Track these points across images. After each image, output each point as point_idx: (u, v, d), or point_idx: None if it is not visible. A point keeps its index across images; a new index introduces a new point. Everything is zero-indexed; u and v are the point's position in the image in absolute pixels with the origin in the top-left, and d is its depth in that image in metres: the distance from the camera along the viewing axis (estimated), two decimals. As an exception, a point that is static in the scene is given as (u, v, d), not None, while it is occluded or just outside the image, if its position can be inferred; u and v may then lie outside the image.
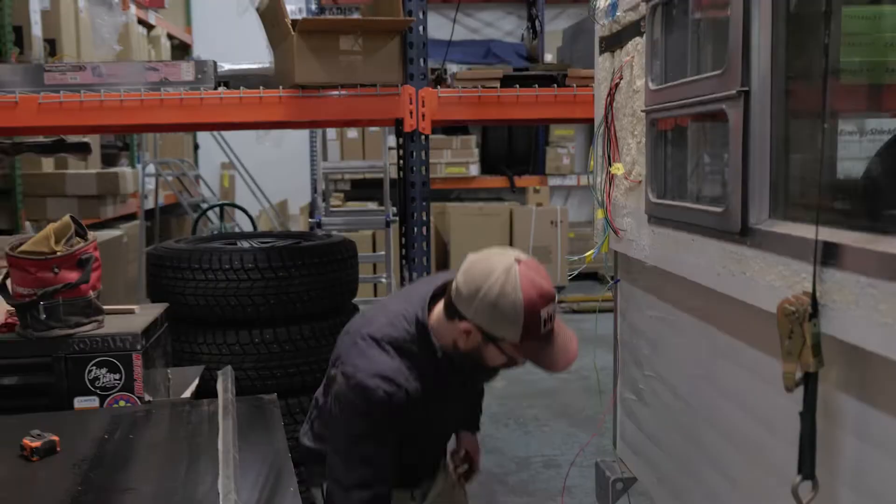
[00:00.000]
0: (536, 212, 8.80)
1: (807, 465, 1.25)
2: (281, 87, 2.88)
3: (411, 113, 2.91)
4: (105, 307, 2.44)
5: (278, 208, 8.63)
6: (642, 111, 1.98)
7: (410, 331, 1.86)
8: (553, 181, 9.50)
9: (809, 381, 1.24)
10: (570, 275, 8.59)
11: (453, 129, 9.39)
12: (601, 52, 2.37)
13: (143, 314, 2.60)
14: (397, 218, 3.67)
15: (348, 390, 1.83)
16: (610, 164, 2.17)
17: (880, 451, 1.21)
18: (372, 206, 7.89)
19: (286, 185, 9.06)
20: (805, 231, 1.30)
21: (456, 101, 2.96)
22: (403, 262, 3.46)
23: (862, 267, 1.15)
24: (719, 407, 1.77)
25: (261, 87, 2.86)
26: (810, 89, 1.45)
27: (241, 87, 2.86)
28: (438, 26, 7.63)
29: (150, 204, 7.01)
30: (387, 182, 5.06)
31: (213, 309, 3.11)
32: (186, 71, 2.91)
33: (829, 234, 1.24)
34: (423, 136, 2.97)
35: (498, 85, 3.00)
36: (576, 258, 2.03)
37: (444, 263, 8.81)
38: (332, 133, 9.00)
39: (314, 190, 5.73)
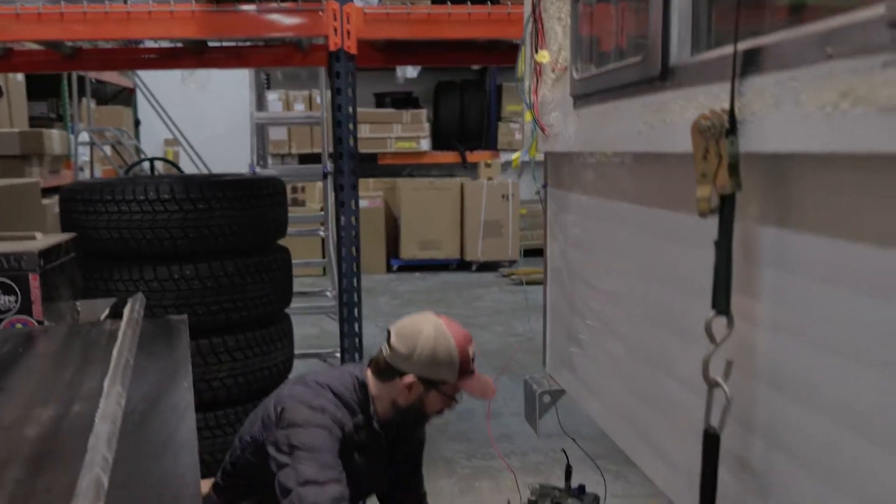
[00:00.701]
0: (488, 185, 8.69)
1: (721, 299, 1.13)
2: (194, 1, 2.70)
3: (336, 30, 2.75)
4: (1, 233, 2.26)
5: (223, 183, 8.39)
6: (566, -14, 1.86)
7: (350, 389, 2.00)
8: (505, 156, 9.40)
9: (725, 205, 1.12)
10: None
11: (403, 102, 9.26)
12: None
13: (46, 239, 2.42)
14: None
15: (308, 410, 1.90)
16: (536, 52, 2.05)
17: (800, 278, 1.10)
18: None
19: (231, 159, 8.81)
20: (724, 51, 1.19)
21: (383, 18, 2.81)
22: (340, 207, 3.34)
23: (782, 61, 1.03)
24: (650, 293, 1.66)
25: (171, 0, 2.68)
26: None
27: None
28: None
29: (85, 176, 6.72)
30: (325, 134, 4.89)
31: (128, 243, 2.92)
32: (93, -14, 2.72)
33: (748, 44, 1.12)
34: (349, 57, 2.81)
35: (429, 2, 2.86)
36: (504, 161, 1.91)
37: (395, 239, 8.67)
38: (278, 106, 8.79)
39: (251, 148, 5.53)
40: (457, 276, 8.48)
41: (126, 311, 2.17)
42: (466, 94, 9.55)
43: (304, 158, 8.95)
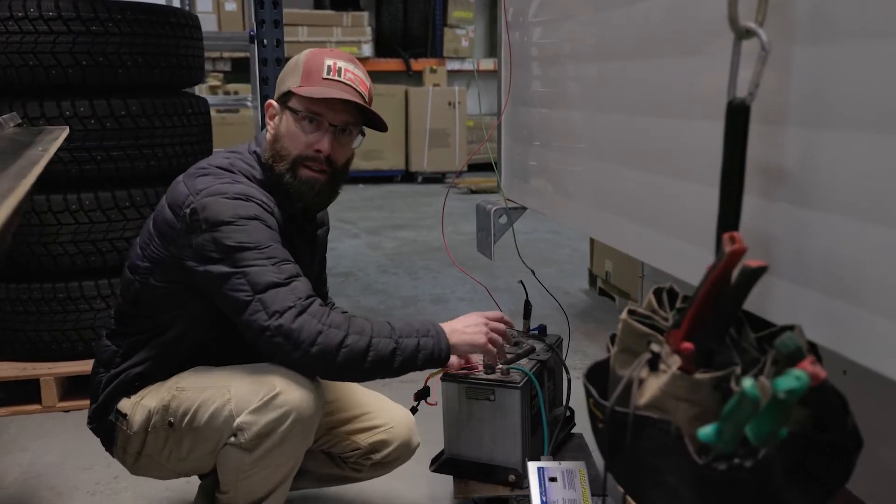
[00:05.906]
0: (433, 92, 8.28)
1: None
2: None
3: None
4: None
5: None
6: None
7: (255, 165, 1.65)
8: (451, 65, 8.98)
9: None
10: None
11: (343, 3, 8.72)
12: None
13: None
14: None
15: (229, 201, 1.52)
16: None
17: None
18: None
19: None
20: None
21: None
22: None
23: None
24: (612, 72, 1.33)
25: None
26: None
27: None
28: None
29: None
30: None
31: (7, 71, 2.47)
32: None
33: None
34: None
35: None
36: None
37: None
38: (208, 4, 8.18)
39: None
40: (402, 187, 8.12)
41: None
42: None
43: (238, 65, 8.36)
